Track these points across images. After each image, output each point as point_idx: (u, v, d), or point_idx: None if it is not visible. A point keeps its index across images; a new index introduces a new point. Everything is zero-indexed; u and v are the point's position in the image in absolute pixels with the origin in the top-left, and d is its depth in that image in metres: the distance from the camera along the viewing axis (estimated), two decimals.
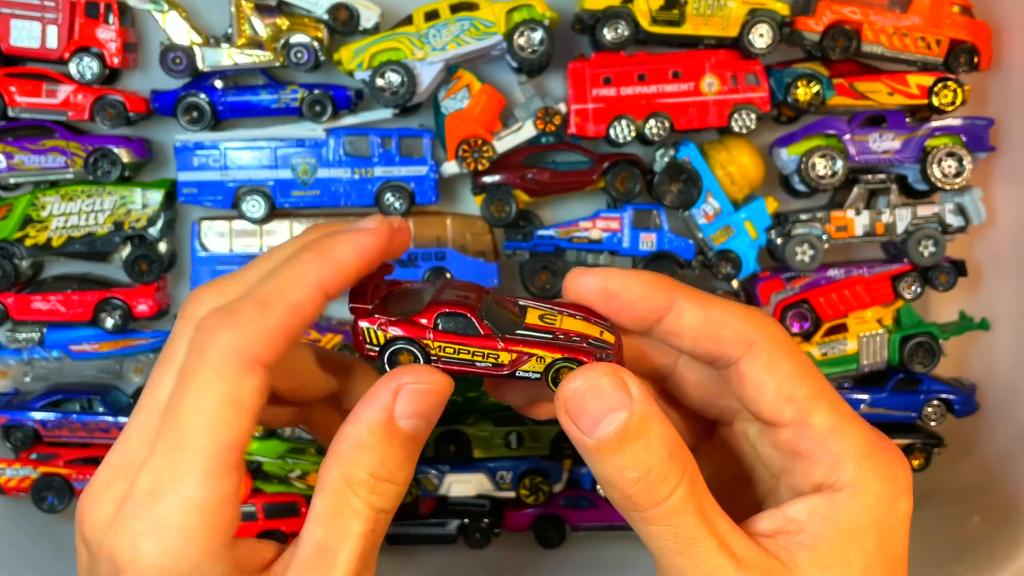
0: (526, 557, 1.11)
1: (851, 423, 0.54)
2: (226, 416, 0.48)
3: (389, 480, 0.52)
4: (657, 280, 0.56)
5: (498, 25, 1.04)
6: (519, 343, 0.54)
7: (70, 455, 1.10)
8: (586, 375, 0.51)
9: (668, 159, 1.08)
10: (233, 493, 0.50)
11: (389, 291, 0.57)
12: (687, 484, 0.51)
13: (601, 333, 0.55)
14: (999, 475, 1.09)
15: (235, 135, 1.08)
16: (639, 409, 0.50)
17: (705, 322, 0.55)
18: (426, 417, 0.52)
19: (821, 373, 0.56)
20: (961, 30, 1.07)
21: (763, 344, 0.54)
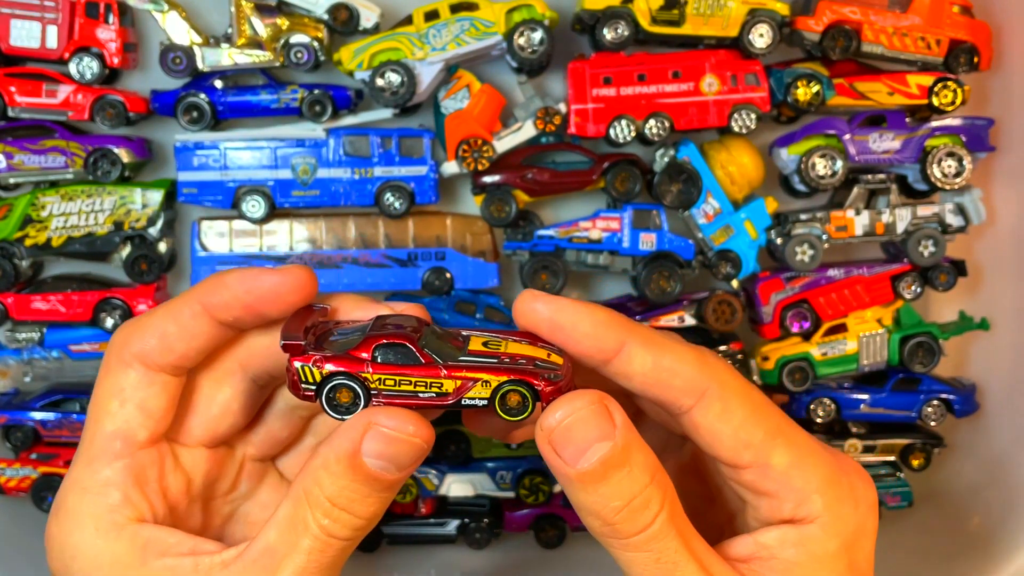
0: (526, 557, 1.11)
1: (809, 456, 0.55)
2: (108, 407, 0.55)
3: (346, 510, 0.52)
4: (608, 320, 0.54)
5: (498, 25, 1.04)
6: (462, 369, 0.52)
7: (70, 455, 1.09)
8: (569, 405, 0.50)
9: (668, 159, 1.08)
10: (117, 478, 0.54)
11: (325, 330, 0.55)
12: (668, 509, 0.51)
13: (548, 355, 0.53)
14: (999, 475, 1.09)
15: (235, 135, 1.08)
16: (622, 438, 0.50)
17: (655, 369, 0.54)
18: (394, 462, 0.51)
19: (776, 409, 0.56)
20: (961, 30, 1.07)
21: (715, 392, 0.53)
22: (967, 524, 1.09)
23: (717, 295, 1.10)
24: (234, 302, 0.55)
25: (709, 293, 1.11)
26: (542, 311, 0.54)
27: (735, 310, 1.10)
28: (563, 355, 0.54)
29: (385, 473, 0.51)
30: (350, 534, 0.52)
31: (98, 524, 0.54)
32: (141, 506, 0.55)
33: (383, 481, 0.51)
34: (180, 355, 0.56)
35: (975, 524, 1.08)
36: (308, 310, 0.56)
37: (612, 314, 0.55)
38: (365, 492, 0.52)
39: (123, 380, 0.55)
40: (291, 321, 0.54)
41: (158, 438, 0.57)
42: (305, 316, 0.55)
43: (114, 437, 0.55)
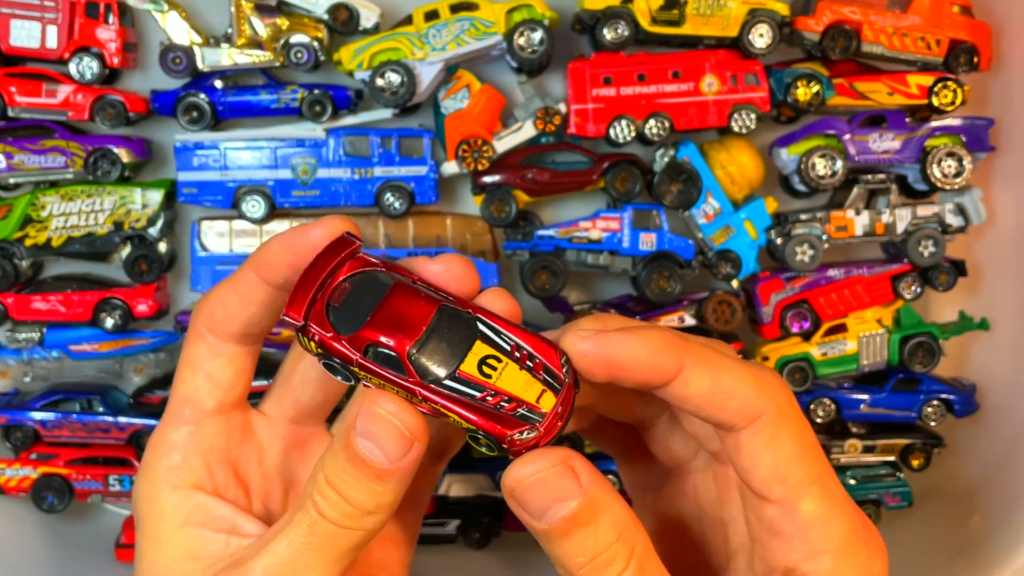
0: (526, 557, 1.11)
1: (838, 513, 0.53)
2: (183, 375, 0.57)
3: (336, 490, 0.51)
4: (664, 344, 0.51)
5: (498, 25, 1.04)
6: (438, 397, 0.49)
7: (70, 455, 1.10)
8: (534, 464, 0.49)
9: (668, 159, 1.08)
10: (181, 441, 0.57)
11: (341, 289, 0.52)
12: (635, 567, 0.50)
13: (539, 398, 0.50)
14: (999, 475, 1.09)
15: (235, 135, 1.08)
16: (588, 497, 0.49)
17: (712, 391, 0.51)
18: (379, 444, 0.50)
19: (822, 453, 0.54)
20: (961, 30, 1.07)
21: (769, 419, 0.52)
22: (967, 524, 1.08)
23: (717, 295, 1.10)
24: (279, 263, 0.55)
25: (709, 293, 1.11)
26: (591, 351, 0.51)
27: (735, 310, 1.10)
28: (559, 394, 0.50)
29: (371, 456, 0.50)
30: (339, 519, 0.51)
31: (157, 480, 0.57)
32: (200, 472, 0.57)
33: (370, 467, 0.50)
34: (243, 323, 0.56)
35: (975, 524, 1.08)
36: (337, 249, 0.53)
37: (666, 337, 0.52)
38: (355, 476, 0.51)
39: (196, 350, 0.57)
40: (311, 271, 0.52)
41: (227, 408, 0.58)
42: (331, 257, 0.52)
43: (184, 403, 0.57)
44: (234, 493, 0.59)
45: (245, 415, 0.60)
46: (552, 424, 0.50)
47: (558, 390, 0.50)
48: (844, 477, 1.14)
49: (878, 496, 1.13)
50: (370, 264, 0.53)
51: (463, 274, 0.54)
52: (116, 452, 1.10)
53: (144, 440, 1.09)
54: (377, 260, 0.53)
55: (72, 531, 1.12)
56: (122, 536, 1.08)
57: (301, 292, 0.51)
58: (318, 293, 0.51)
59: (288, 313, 0.51)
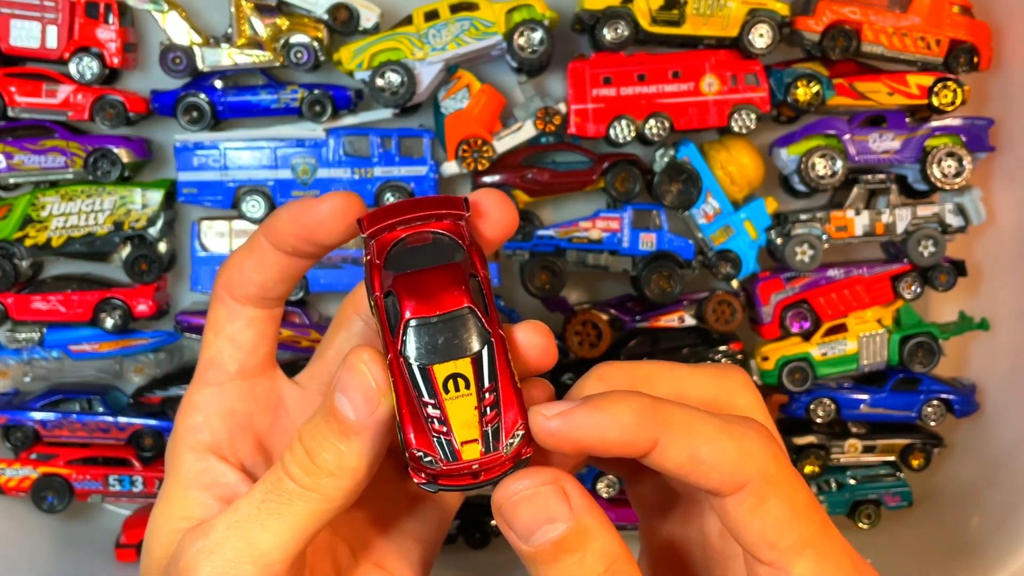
0: None
1: (833, 573, 0.51)
2: (207, 338, 0.58)
3: (303, 444, 0.51)
4: (636, 419, 0.49)
5: (498, 25, 1.04)
6: (398, 372, 0.49)
7: (70, 455, 1.10)
8: (524, 481, 0.48)
9: (668, 159, 1.08)
10: (202, 402, 0.58)
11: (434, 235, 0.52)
12: None
13: (465, 443, 0.48)
14: (999, 475, 1.09)
15: (235, 135, 1.08)
16: (578, 522, 0.47)
17: (691, 463, 0.49)
18: (347, 395, 0.49)
19: (818, 511, 0.51)
20: (961, 30, 1.07)
21: (755, 486, 0.49)
22: (967, 524, 1.08)
23: (717, 295, 1.10)
24: (287, 233, 0.55)
25: (709, 293, 1.11)
26: (558, 429, 0.49)
27: (735, 310, 1.10)
28: (488, 457, 0.48)
29: (341, 408, 0.49)
30: (299, 476, 0.50)
31: (179, 439, 0.57)
32: (220, 435, 0.57)
33: (338, 420, 0.49)
34: (258, 285, 0.57)
35: (975, 524, 1.08)
36: (450, 205, 0.53)
37: (639, 407, 0.49)
38: (323, 432, 0.50)
39: (217, 313, 0.58)
40: (415, 205, 0.52)
41: (250, 372, 0.59)
42: (439, 207, 0.52)
43: (208, 365, 0.58)
44: (252, 460, 0.58)
45: (273, 384, 0.60)
46: (458, 472, 0.48)
47: (487, 451, 0.48)
48: (844, 477, 1.14)
49: (878, 496, 1.13)
50: (459, 236, 0.52)
51: (541, 344, 0.52)
52: (116, 452, 1.10)
53: (144, 440, 1.09)
54: (468, 238, 0.52)
55: (72, 531, 1.12)
56: (122, 536, 1.08)
57: (387, 213, 0.52)
58: (399, 224, 0.52)
59: (364, 219, 0.52)
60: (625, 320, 1.10)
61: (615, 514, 1.09)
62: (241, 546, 0.51)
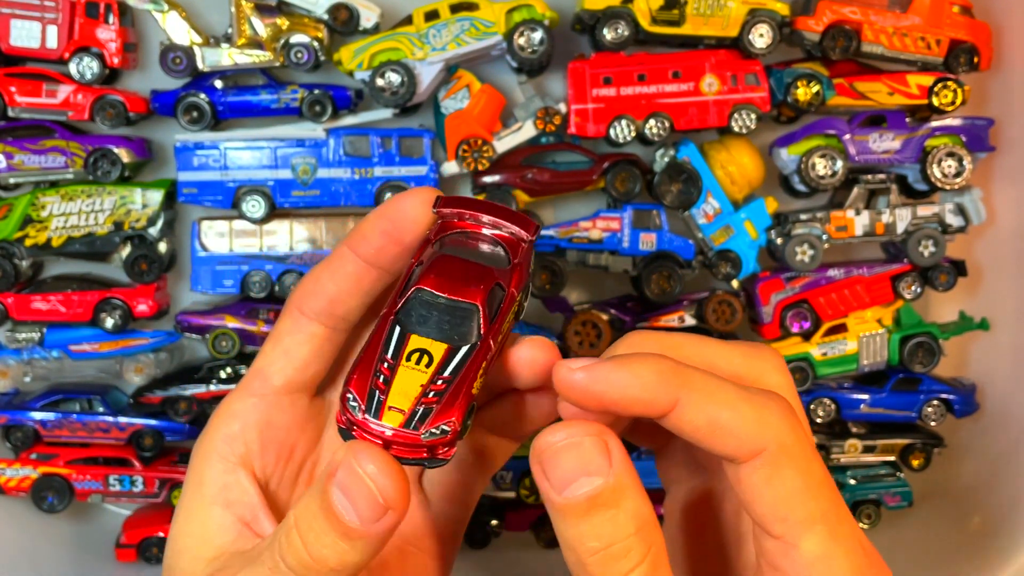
0: (526, 557, 1.11)
1: (842, 553, 0.50)
2: (264, 348, 0.58)
3: (301, 536, 0.49)
4: (658, 378, 0.49)
5: (498, 25, 1.04)
6: (386, 327, 0.51)
7: (70, 455, 1.10)
8: (567, 431, 0.47)
9: (668, 159, 1.08)
10: (242, 411, 0.57)
11: (490, 241, 0.54)
12: (648, 566, 0.48)
13: (389, 409, 0.49)
14: (999, 475, 1.09)
15: (235, 135, 1.08)
16: (616, 478, 0.47)
17: (709, 426, 0.49)
18: (352, 501, 0.47)
19: (830, 488, 0.51)
20: (961, 30, 1.07)
21: (770, 455, 0.49)
22: (967, 524, 1.09)
23: (717, 295, 1.10)
24: (372, 231, 0.55)
25: (709, 293, 1.11)
26: (582, 382, 0.49)
27: (735, 310, 1.10)
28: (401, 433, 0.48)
29: (343, 512, 0.47)
30: (298, 569, 0.49)
31: (211, 446, 0.57)
32: (253, 447, 0.57)
33: (340, 523, 0.48)
34: (330, 298, 0.56)
35: (975, 524, 1.08)
36: (519, 220, 0.54)
37: (660, 366, 0.49)
38: (323, 528, 0.48)
39: (282, 325, 0.57)
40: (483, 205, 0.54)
41: (295, 388, 0.58)
42: (506, 217, 0.54)
43: (255, 375, 0.57)
44: (279, 477, 0.58)
45: (318, 406, 0.59)
46: (371, 431, 0.48)
47: (407, 426, 0.48)
48: (844, 477, 1.14)
49: (878, 496, 1.13)
50: (512, 251, 0.54)
51: (540, 359, 0.53)
52: (116, 452, 1.10)
53: (144, 440, 1.09)
54: (519, 258, 0.54)
55: (72, 531, 1.12)
56: (122, 536, 1.08)
57: (463, 203, 0.54)
58: (469, 218, 0.54)
59: (442, 199, 0.54)
60: (625, 320, 1.10)
61: None
62: None
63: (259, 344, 1.08)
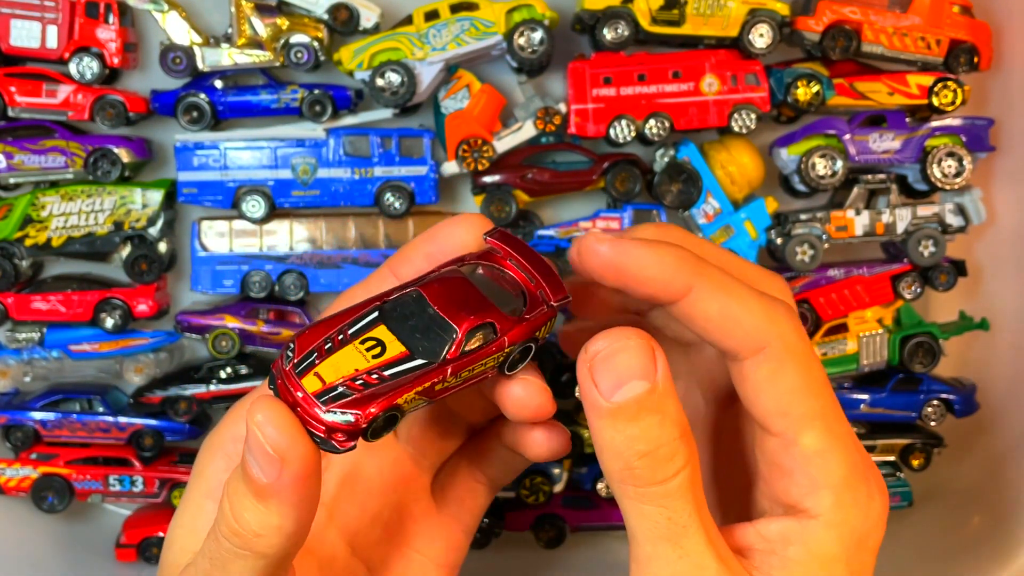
0: (526, 557, 1.11)
1: (839, 448, 0.53)
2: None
3: (229, 504, 0.49)
4: (677, 262, 0.51)
5: (498, 25, 1.04)
6: (362, 312, 0.51)
7: (70, 455, 1.10)
8: (617, 335, 0.49)
9: (668, 159, 1.08)
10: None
11: (507, 277, 0.54)
12: (691, 471, 0.49)
13: (312, 375, 0.48)
14: (999, 475, 1.09)
15: (235, 135, 1.08)
16: (662, 382, 0.48)
17: (720, 315, 0.51)
18: (256, 458, 0.47)
19: (828, 389, 0.53)
20: (961, 30, 1.07)
21: (774, 350, 0.51)
22: (967, 524, 1.09)
23: None
24: (416, 253, 0.56)
25: None
26: (606, 254, 0.51)
27: None
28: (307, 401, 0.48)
29: (251, 468, 0.47)
30: (228, 536, 0.49)
31: (218, 442, 0.59)
32: None
33: (252, 482, 0.47)
34: None
35: (975, 524, 1.08)
36: (540, 266, 0.55)
37: (680, 253, 0.52)
38: (242, 491, 0.48)
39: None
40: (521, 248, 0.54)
41: None
42: (529, 259, 0.55)
43: None
44: None
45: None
46: (289, 386, 0.48)
47: (319, 398, 0.48)
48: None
49: None
50: (531, 304, 0.54)
51: (529, 403, 0.54)
52: (116, 452, 1.10)
53: (144, 440, 1.09)
54: (533, 314, 0.53)
55: (72, 531, 1.12)
56: (122, 536, 1.08)
57: (513, 243, 0.54)
58: (510, 258, 0.54)
59: (498, 231, 0.55)
60: None
61: (610, 514, 1.09)
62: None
63: (259, 344, 1.08)
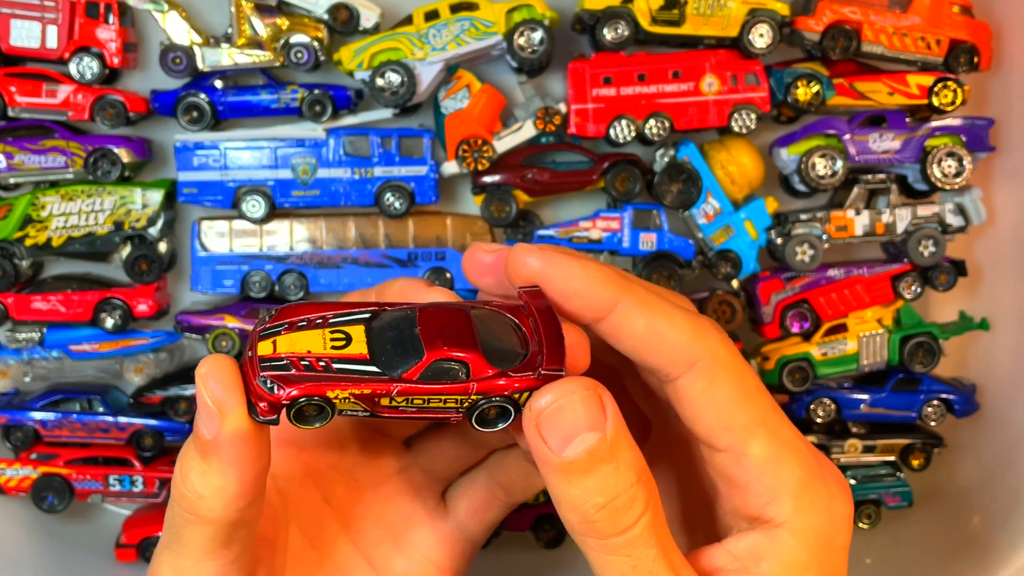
0: (526, 557, 1.11)
1: (789, 453, 0.52)
2: None
3: (179, 467, 0.50)
4: (603, 276, 0.52)
5: (498, 25, 1.04)
6: (349, 307, 0.52)
7: (70, 455, 1.10)
8: (561, 388, 0.48)
9: (668, 159, 1.08)
10: None
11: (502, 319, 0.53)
12: (651, 514, 0.49)
13: (273, 348, 0.49)
14: (999, 475, 1.09)
15: (235, 135, 1.08)
16: (612, 430, 0.47)
17: (646, 332, 0.51)
18: (199, 413, 0.48)
19: (767, 396, 0.53)
20: (961, 30, 1.07)
21: (705, 365, 0.51)
22: (967, 524, 1.09)
23: (717, 295, 1.10)
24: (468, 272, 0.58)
25: (709, 293, 1.11)
26: (533, 265, 0.52)
27: (735, 310, 1.10)
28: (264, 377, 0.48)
29: (198, 425, 0.48)
30: (178, 498, 0.49)
31: None
32: None
33: (197, 439, 0.48)
34: None
35: (975, 524, 1.08)
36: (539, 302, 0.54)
37: (607, 270, 0.52)
38: (190, 452, 0.49)
39: None
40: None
41: None
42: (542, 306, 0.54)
43: None
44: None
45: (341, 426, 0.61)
46: (249, 344, 0.49)
47: (263, 366, 0.48)
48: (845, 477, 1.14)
49: (878, 496, 1.13)
50: (529, 362, 0.51)
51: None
52: (116, 452, 1.10)
53: (144, 440, 1.09)
54: (530, 374, 0.51)
55: (72, 531, 1.12)
56: (122, 536, 1.08)
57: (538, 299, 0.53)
58: (529, 310, 0.53)
59: (536, 289, 0.53)
60: None
61: None
62: (170, 572, 0.51)
63: None
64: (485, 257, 0.54)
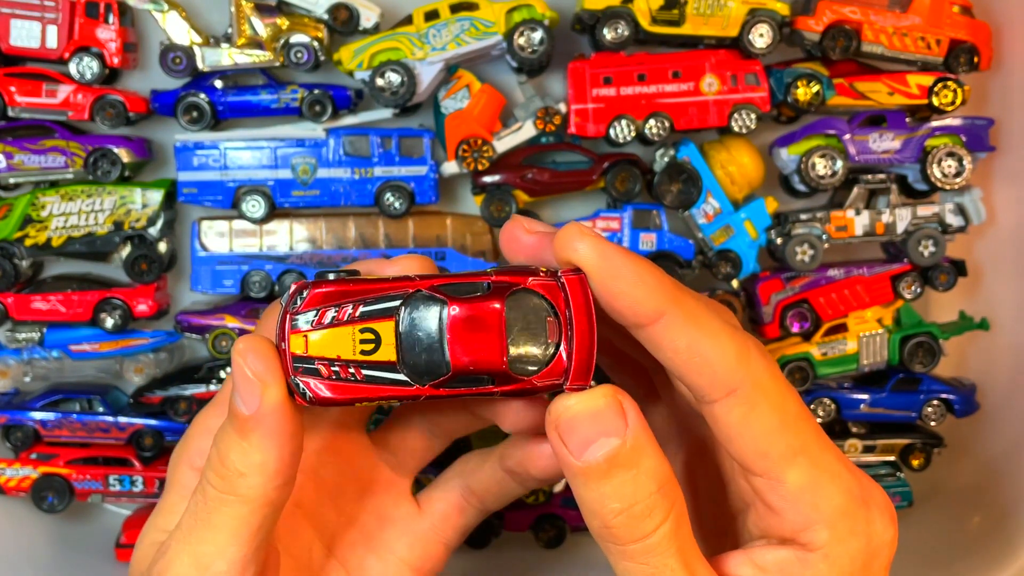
0: (526, 557, 1.11)
1: (830, 480, 0.51)
2: None
3: (217, 451, 0.51)
4: (653, 283, 0.49)
5: (498, 25, 1.04)
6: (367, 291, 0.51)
7: (70, 455, 1.10)
8: (583, 395, 0.48)
9: (668, 159, 1.08)
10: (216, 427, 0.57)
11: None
12: (672, 523, 0.48)
13: (292, 342, 0.50)
14: (999, 475, 1.10)
15: (235, 135, 1.08)
16: (633, 438, 0.47)
17: (688, 352, 0.49)
18: (239, 391, 0.49)
19: (809, 421, 0.51)
20: (961, 30, 1.07)
21: (745, 393, 0.49)
22: (967, 524, 1.09)
23: (717, 295, 1.10)
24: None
25: (709, 293, 1.11)
26: (583, 253, 0.49)
27: (735, 310, 1.10)
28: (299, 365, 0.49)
29: (235, 403, 0.49)
30: (216, 482, 0.50)
31: (184, 458, 0.60)
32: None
33: (236, 418, 0.49)
34: None
35: (975, 524, 1.08)
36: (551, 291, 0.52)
37: (659, 276, 0.50)
38: (229, 434, 0.50)
39: None
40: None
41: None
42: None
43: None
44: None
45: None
46: (285, 330, 0.49)
47: (293, 360, 0.49)
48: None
49: None
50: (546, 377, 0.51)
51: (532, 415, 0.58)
52: (116, 452, 1.10)
53: (144, 440, 1.09)
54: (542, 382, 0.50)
55: (72, 531, 1.12)
56: (122, 536, 1.08)
57: (582, 297, 0.51)
58: (573, 314, 0.50)
59: (580, 275, 0.52)
60: None
61: None
62: (189, 561, 0.51)
63: None
64: (526, 238, 0.52)
